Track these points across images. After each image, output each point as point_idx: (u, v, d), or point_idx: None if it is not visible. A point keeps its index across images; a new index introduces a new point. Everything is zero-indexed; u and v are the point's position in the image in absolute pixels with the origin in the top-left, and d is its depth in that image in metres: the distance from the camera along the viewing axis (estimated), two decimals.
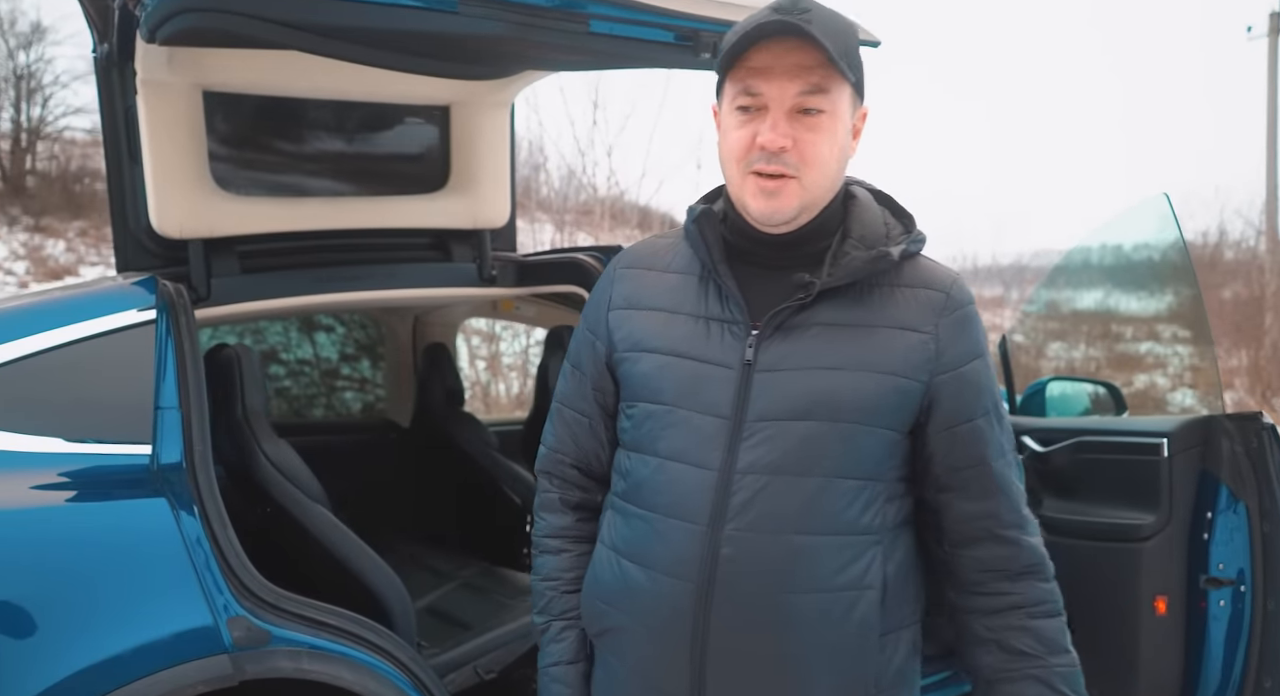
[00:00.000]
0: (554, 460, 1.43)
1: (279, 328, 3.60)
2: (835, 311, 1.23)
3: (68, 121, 16.17)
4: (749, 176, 1.21)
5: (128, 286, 1.93)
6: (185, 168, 2.18)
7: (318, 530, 2.10)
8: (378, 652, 1.79)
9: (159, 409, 1.74)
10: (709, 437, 1.22)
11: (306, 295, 2.38)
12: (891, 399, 1.21)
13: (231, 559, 1.69)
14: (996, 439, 1.26)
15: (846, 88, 1.20)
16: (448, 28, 1.67)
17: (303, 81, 2.34)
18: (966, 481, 1.25)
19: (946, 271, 1.29)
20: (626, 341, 1.31)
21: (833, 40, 1.14)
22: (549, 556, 1.42)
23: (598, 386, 1.37)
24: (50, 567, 1.57)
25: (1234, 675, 1.95)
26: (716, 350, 1.24)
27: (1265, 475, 1.92)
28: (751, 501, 1.20)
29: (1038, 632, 1.24)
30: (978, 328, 1.27)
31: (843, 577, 1.20)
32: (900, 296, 1.25)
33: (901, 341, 1.22)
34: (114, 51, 2.13)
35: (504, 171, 2.66)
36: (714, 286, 1.27)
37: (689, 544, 1.22)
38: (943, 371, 1.23)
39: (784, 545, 1.20)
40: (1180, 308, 2.64)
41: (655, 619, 1.25)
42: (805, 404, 1.20)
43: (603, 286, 1.39)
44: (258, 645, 1.66)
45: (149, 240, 2.25)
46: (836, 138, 1.21)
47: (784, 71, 1.17)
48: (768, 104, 1.18)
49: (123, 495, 1.68)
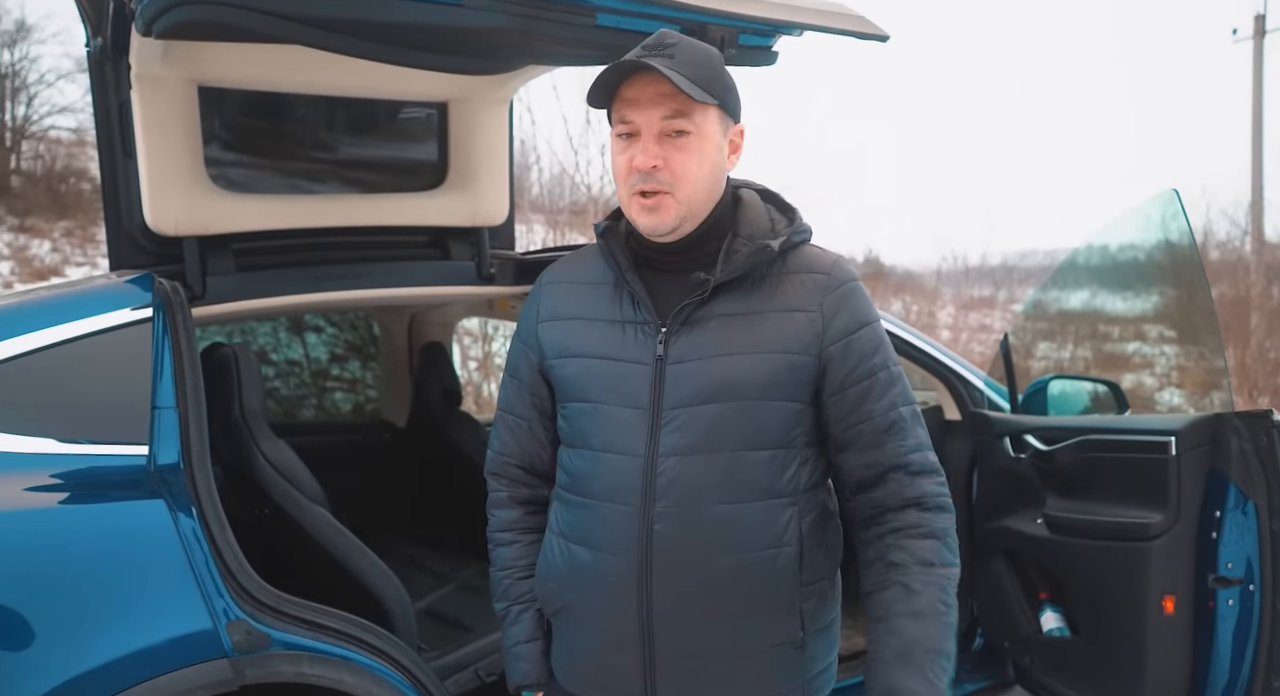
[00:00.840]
0: (500, 462, 1.58)
1: (268, 328, 3.56)
2: (731, 303, 1.38)
3: (53, 121, 16.07)
4: (634, 196, 1.36)
5: (122, 284, 1.90)
6: (180, 164, 2.14)
7: (317, 532, 2.07)
8: (379, 656, 1.77)
9: (156, 409, 1.72)
10: (632, 427, 1.37)
11: (303, 294, 2.35)
12: (785, 374, 1.36)
13: (230, 561, 1.67)
14: (886, 394, 1.39)
15: (710, 110, 1.35)
16: (451, 20, 1.64)
17: (299, 77, 2.30)
18: (858, 435, 1.39)
19: (829, 255, 1.45)
20: (554, 349, 1.46)
21: (691, 71, 1.30)
22: (503, 549, 1.57)
23: (534, 392, 1.52)
24: (45, 571, 1.54)
25: (1243, 675, 1.94)
26: (632, 349, 1.39)
27: (1275, 473, 1.91)
28: (675, 480, 1.34)
29: (909, 548, 1.37)
30: (860, 300, 1.41)
31: (763, 538, 1.36)
32: (788, 283, 1.40)
33: (791, 322, 1.37)
34: (108, 46, 2.09)
35: (503, 169, 2.63)
36: (626, 293, 1.42)
37: (625, 523, 1.37)
38: (830, 343, 1.37)
39: (707, 515, 1.35)
40: (1186, 306, 2.64)
41: (604, 593, 1.40)
42: (710, 388, 1.35)
43: (531, 301, 1.54)
44: (258, 649, 1.64)
45: (143, 237, 2.21)
46: (706, 154, 1.36)
47: (649, 101, 1.33)
48: (639, 130, 1.34)
49: (119, 497, 1.65)
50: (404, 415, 3.44)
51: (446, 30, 1.71)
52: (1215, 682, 1.98)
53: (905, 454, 1.39)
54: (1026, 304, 3.98)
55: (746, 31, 1.80)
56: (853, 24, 1.79)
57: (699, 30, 1.76)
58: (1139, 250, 2.33)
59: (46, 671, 1.48)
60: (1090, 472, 2.23)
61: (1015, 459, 2.48)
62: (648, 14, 1.70)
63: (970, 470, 2.77)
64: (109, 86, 2.19)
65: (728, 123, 1.40)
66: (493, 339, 7.80)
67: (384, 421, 3.57)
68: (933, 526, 1.38)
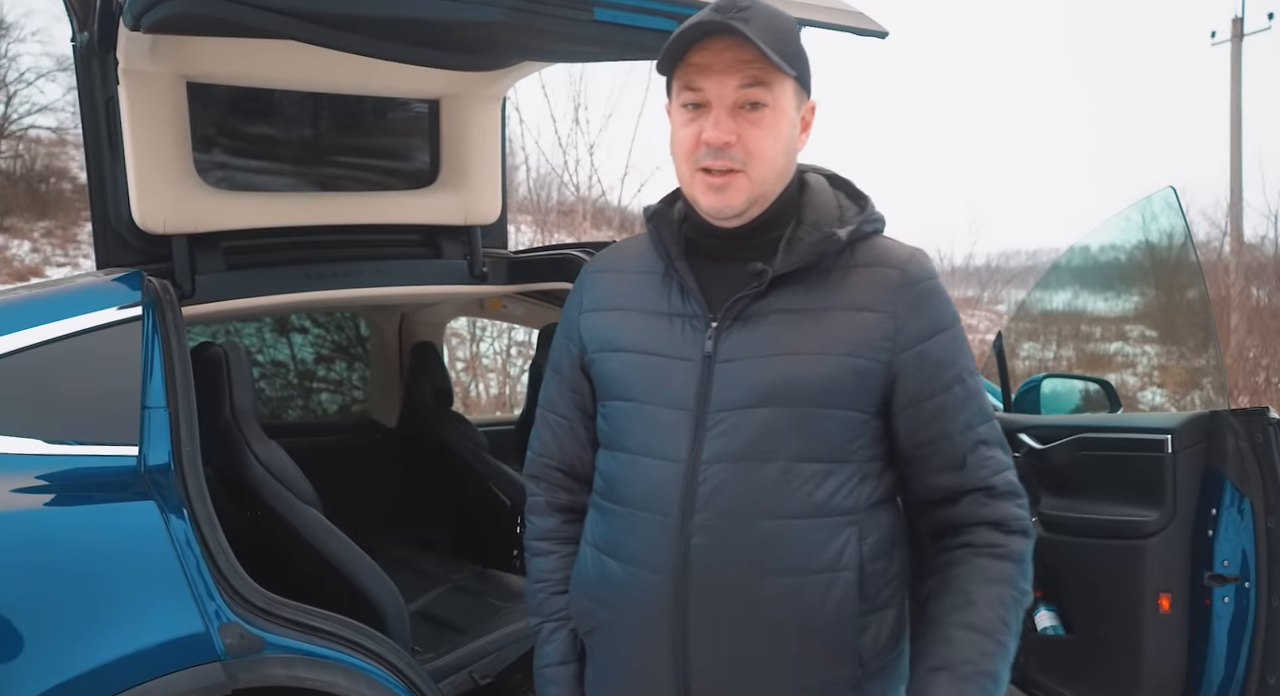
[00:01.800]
0: (539, 464, 1.46)
1: (253, 328, 3.52)
2: (791, 297, 1.25)
3: (33, 120, 15.89)
4: (697, 173, 1.24)
5: (111, 282, 1.87)
6: (169, 161, 2.11)
7: (310, 533, 2.05)
8: (373, 658, 1.75)
9: (146, 408, 1.69)
10: (674, 430, 1.24)
11: (294, 292, 2.32)
12: (850, 380, 1.22)
13: (222, 563, 1.64)
14: (963, 411, 1.25)
15: (788, 82, 1.22)
16: (446, 14, 1.63)
17: (290, 73, 2.28)
18: (931, 454, 1.25)
19: (905, 248, 1.29)
20: (596, 342, 1.35)
21: (770, 36, 1.17)
22: (538, 558, 1.45)
23: (575, 388, 1.40)
24: (34, 574, 1.51)
25: (1238, 672, 1.95)
26: (678, 344, 1.27)
27: (1271, 471, 1.92)
28: (718, 490, 1.21)
29: (981, 567, 1.23)
30: (939, 301, 1.26)
31: (816, 561, 1.21)
32: (856, 277, 1.25)
33: (857, 322, 1.23)
34: (94, 40, 2.06)
35: (495, 166, 2.62)
36: (675, 283, 1.30)
37: (661, 535, 1.24)
38: (903, 349, 1.23)
39: (753, 531, 1.21)
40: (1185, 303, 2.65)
41: (635, 612, 1.27)
42: (763, 391, 1.21)
43: (575, 292, 1.43)
44: (251, 652, 1.61)
45: (130, 235, 2.18)
46: (780, 131, 1.23)
47: (723, 67, 1.19)
48: (710, 100, 1.21)
49: (109, 498, 1.62)
50: (394, 415, 3.41)
51: (441, 25, 1.69)
52: (1211, 679, 1.99)
53: (986, 478, 1.25)
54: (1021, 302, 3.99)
55: None
56: (851, 19, 1.78)
57: None
58: (1137, 249, 2.33)
59: (36, 676, 1.45)
60: (1085, 471, 2.23)
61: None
62: (646, 8, 1.69)
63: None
64: (95, 82, 2.16)
65: (802, 97, 1.26)
66: (480, 339, 7.77)
67: (374, 422, 3.54)
68: (1011, 549, 1.24)
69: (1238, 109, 16.91)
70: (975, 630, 1.19)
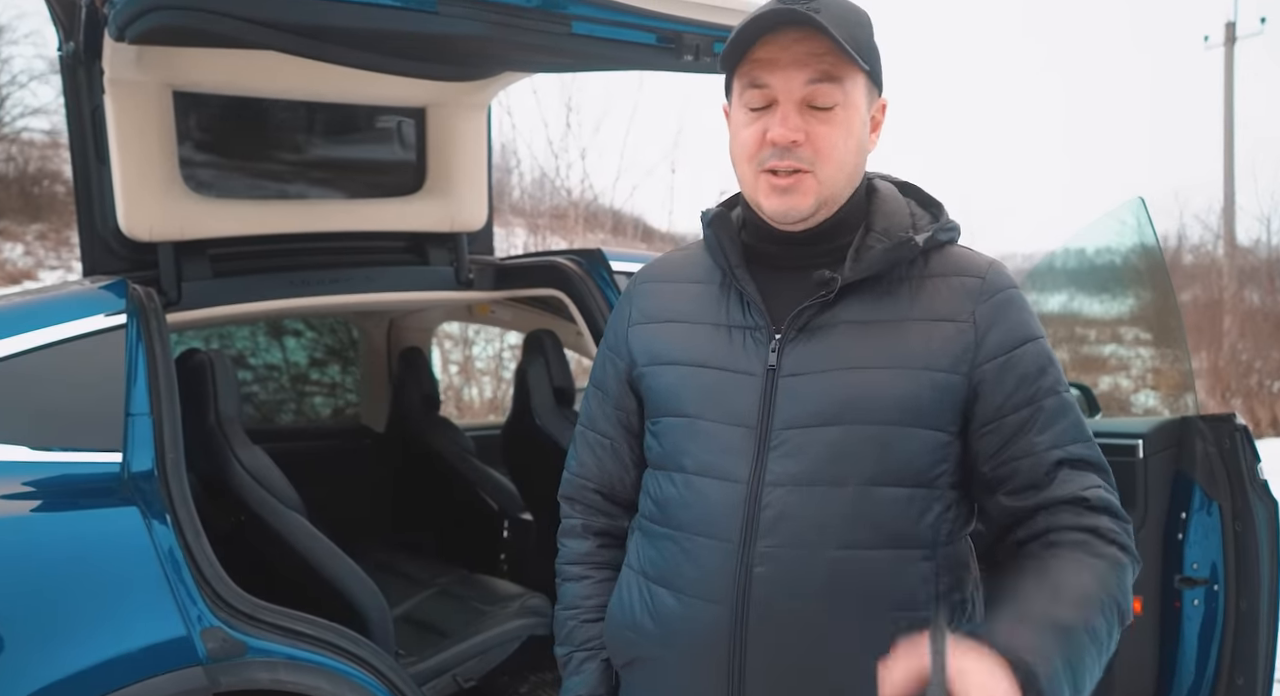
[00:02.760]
0: (577, 485, 1.37)
1: (245, 332, 3.55)
2: (862, 308, 1.16)
3: (25, 122, 15.86)
4: (761, 174, 1.15)
5: (96, 290, 1.89)
6: (155, 169, 2.14)
7: (294, 538, 2.07)
8: (355, 662, 1.77)
9: (130, 415, 1.71)
10: (734, 449, 1.15)
11: (280, 299, 2.35)
12: (929, 395, 1.12)
13: (205, 568, 1.66)
14: (1051, 425, 1.12)
15: (860, 77, 1.14)
16: (426, 28, 1.65)
17: (276, 82, 2.30)
18: (1013, 473, 1.13)
19: (983, 257, 1.21)
20: (646, 355, 1.26)
21: (842, 28, 1.08)
22: (571, 584, 1.36)
23: (620, 405, 1.31)
24: (16, 579, 1.53)
25: (1208, 672, 1.97)
26: (739, 357, 1.18)
27: (1238, 475, 1.94)
28: (784, 515, 1.12)
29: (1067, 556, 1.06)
30: (1023, 311, 1.17)
31: (891, 596, 1.11)
32: (932, 286, 1.16)
33: (937, 333, 1.14)
34: (80, 50, 2.08)
35: (481, 174, 2.65)
36: (735, 293, 1.22)
37: (719, 563, 1.14)
38: (985, 360, 1.13)
39: (822, 561, 1.11)
40: (1153, 310, 2.68)
41: (688, 645, 1.17)
42: (834, 407, 1.12)
43: (623, 303, 1.34)
44: (233, 656, 1.63)
45: (117, 243, 2.21)
46: (852, 130, 1.14)
47: (791, 61, 1.11)
48: (777, 97, 1.12)
49: (92, 504, 1.64)
50: (383, 420, 3.43)
51: (422, 37, 1.72)
52: (1181, 680, 2.02)
53: (1079, 490, 1.10)
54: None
55: (720, 40, 1.81)
56: None
57: (674, 39, 1.78)
58: (1112, 254, 2.36)
59: (19, 679, 1.47)
60: None
61: None
62: (623, 22, 1.71)
63: None
64: (82, 91, 2.18)
65: (874, 95, 1.18)
66: (473, 343, 7.79)
67: (363, 426, 3.56)
68: (1104, 552, 1.08)
69: (1230, 113, 16.99)
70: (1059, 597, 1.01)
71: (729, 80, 1.19)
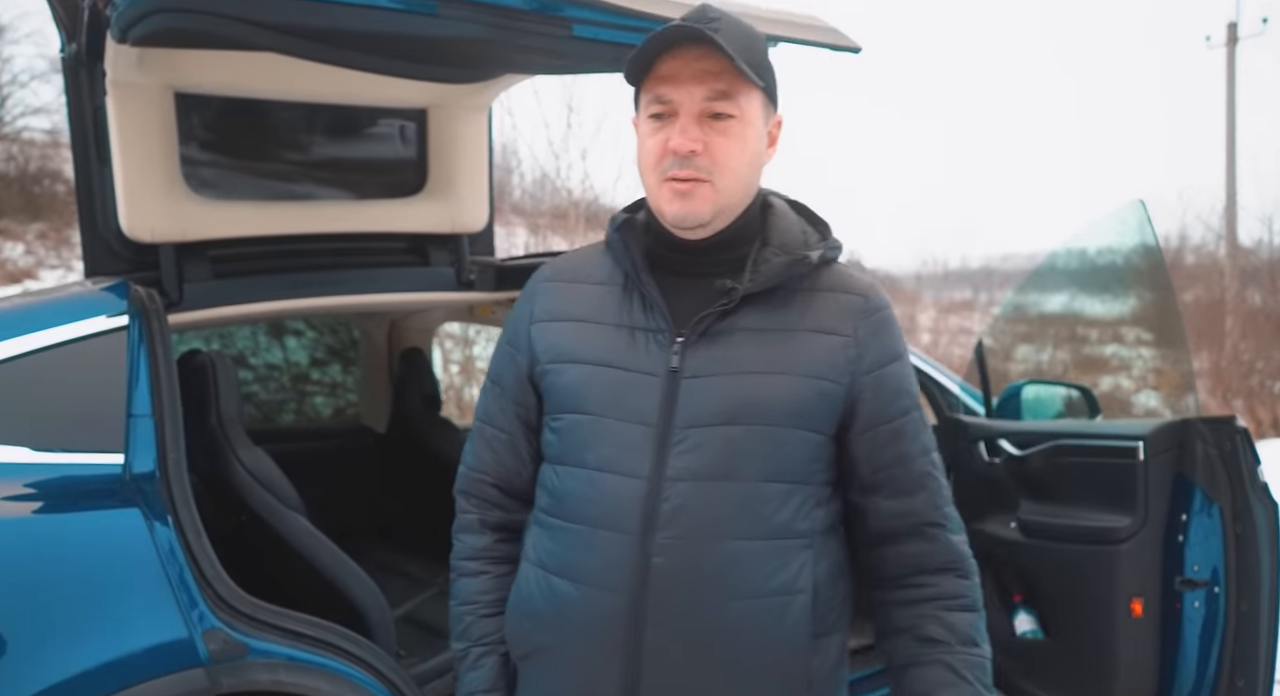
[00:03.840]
0: (473, 479, 1.42)
1: (247, 332, 3.55)
2: (758, 316, 1.25)
3: (26, 122, 15.85)
4: (664, 183, 1.23)
5: (98, 291, 1.89)
6: (156, 170, 2.14)
7: (295, 539, 2.07)
8: (356, 663, 1.77)
9: (131, 416, 1.71)
10: (637, 446, 1.22)
11: (281, 300, 2.35)
12: (815, 401, 1.23)
13: (207, 570, 1.66)
14: (918, 438, 1.29)
15: (756, 94, 1.23)
16: (427, 30, 1.65)
17: (277, 83, 2.30)
18: (889, 480, 1.27)
19: (864, 276, 1.33)
20: (549, 353, 1.31)
21: (739, 48, 1.17)
22: (467, 579, 1.40)
23: (519, 401, 1.36)
24: (18, 581, 1.53)
25: (1208, 675, 1.98)
26: (642, 358, 1.25)
27: (1238, 477, 1.95)
28: (682, 508, 1.20)
29: (951, 624, 1.26)
30: (895, 330, 1.30)
31: (774, 583, 1.21)
32: (820, 301, 1.27)
33: (823, 344, 1.25)
34: (82, 51, 2.08)
35: (482, 175, 2.65)
36: (637, 295, 1.29)
37: (620, 554, 1.21)
38: (864, 373, 1.25)
39: (716, 551, 1.20)
40: (1154, 312, 2.69)
41: (586, 633, 1.24)
42: (732, 408, 1.21)
43: (524, 300, 1.39)
44: (234, 658, 1.63)
45: (118, 244, 2.21)
46: (748, 142, 1.23)
47: (691, 77, 1.20)
48: (678, 110, 1.21)
49: (94, 506, 1.64)
50: (384, 420, 3.43)
51: (423, 40, 1.72)
52: (1182, 683, 2.02)
53: (941, 507, 1.28)
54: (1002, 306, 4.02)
55: None
56: (825, 36, 1.81)
57: None
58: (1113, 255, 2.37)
59: (21, 681, 1.47)
60: (1062, 477, 2.26)
61: (989, 464, 2.51)
62: (624, 25, 1.71)
63: (948, 476, 2.80)
64: (83, 92, 2.18)
65: (769, 110, 1.27)
66: (474, 343, 7.78)
67: (364, 426, 3.56)
68: (972, 597, 1.28)
69: (1232, 113, 16.97)
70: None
71: (636, 94, 1.27)
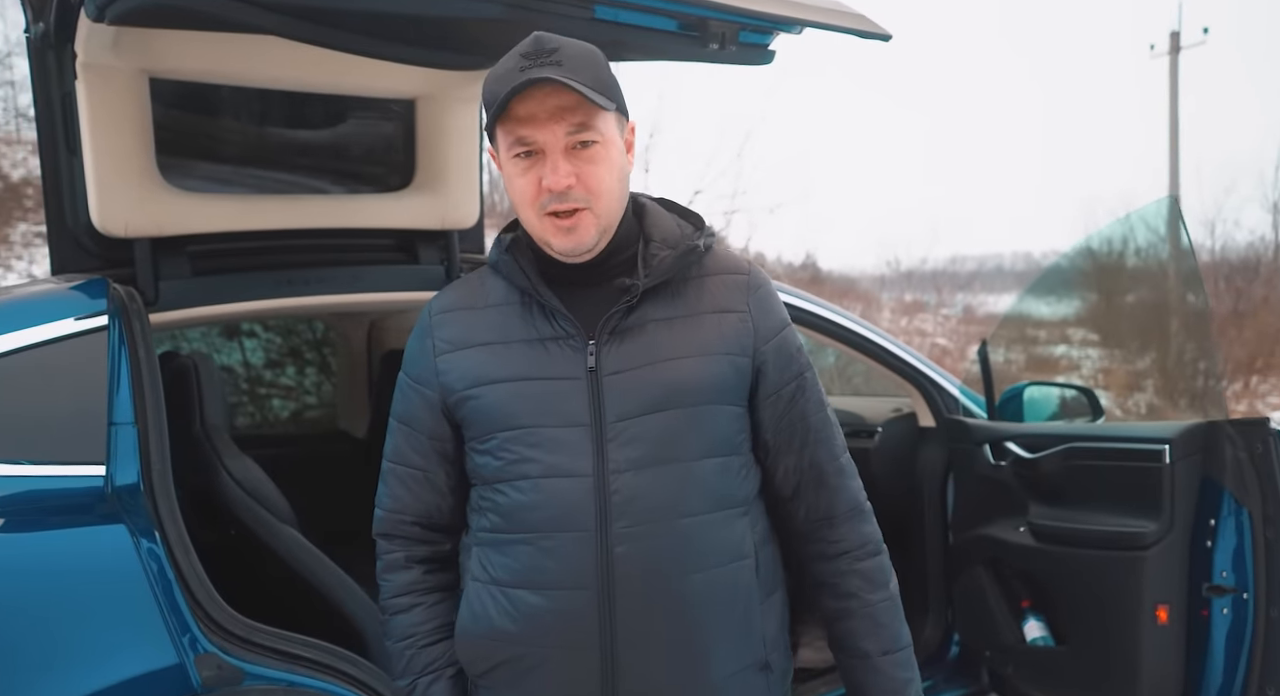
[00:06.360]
0: (393, 521, 1.42)
1: (198, 332, 3.37)
2: (660, 308, 1.33)
3: None
4: (545, 218, 1.28)
5: (74, 289, 1.75)
6: (130, 160, 2.00)
7: (288, 554, 1.95)
8: (358, 686, 1.67)
9: (113, 424, 1.59)
10: (575, 446, 1.27)
11: (263, 299, 2.22)
12: (730, 376, 1.32)
13: (197, 589, 1.55)
14: (813, 395, 1.40)
15: (610, 115, 1.28)
16: (443, 10, 1.55)
17: (259, 70, 2.17)
18: (790, 437, 1.38)
19: (742, 257, 1.44)
20: (463, 380, 1.33)
21: (585, 76, 1.22)
22: (400, 616, 1.42)
23: (434, 435, 1.38)
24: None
25: (1236, 683, 1.95)
26: (559, 365, 1.30)
27: (1270, 481, 1.92)
28: (633, 497, 1.26)
29: (863, 573, 1.39)
30: (778, 300, 1.41)
31: (724, 553, 1.31)
32: (710, 284, 1.36)
33: (725, 323, 1.34)
34: (50, 32, 1.94)
35: (473, 169, 2.54)
36: (537, 309, 1.33)
37: (581, 552, 1.26)
38: (762, 343, 1.35)
39: (670, 531, 1.27)
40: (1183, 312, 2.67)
41: (559, 635, 1.28)
42: (659, 395, 1.28)
43: (420, 335, 1.40)
44: (229, 684, 1.52)
45: (89, 239, 2.07)
46: (614, 161, 1.29)
47: (549, 116, 1.23)
48: (543, 148, 1.25)
49: (74, 522, 1.53)
50: (364, 425, 3.30)
51: (435, 22, 1.62)
52: (1209, 691, 1.99)
53: (838, 456, 1.41)
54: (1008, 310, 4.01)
55: (748, 28, 1.74)
56: (854, 22, 1.74)
57: (699, 26, 1.69)
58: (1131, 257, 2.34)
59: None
60: (1078, 480, 2.22)
61: (996, 466, 2.47)
62: (648, 7, 1.63)
63: (944, 477, 2.76)
64: (51, 76, 2.04)
65: (624, 123, 1.33)
66: None
67: (341, 432, 3.42)
68: (874, 539, 1.41)
69: (1175, 119, 17.47)
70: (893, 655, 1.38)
71: (491, 129, 1.30)
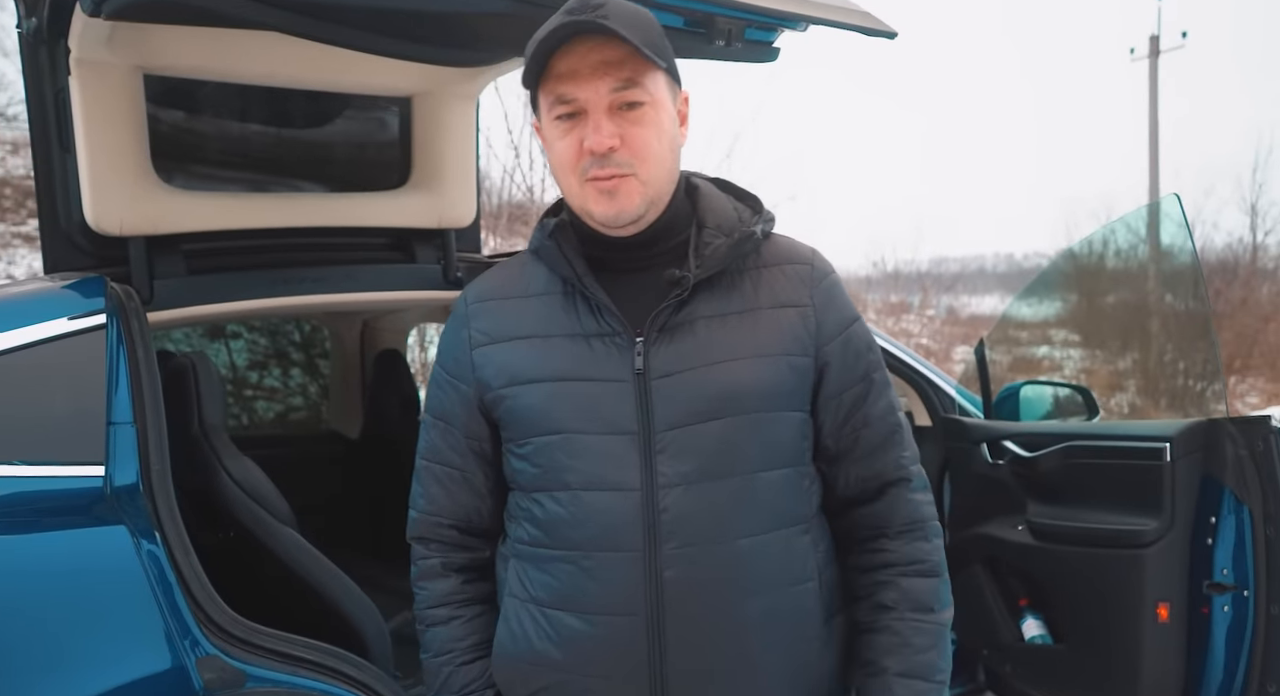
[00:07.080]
0: (429, 524, 1.33)
1: (180, 333, 3.33)
2: (713, 303, 1.21)
3: None
4: (586, 183, 1.17)
5: (71, 288, 1.73)
6: (125, 158, 1.97)
7: (288, 555, 1.93)
8: (359, 688, 1.64)
9: (111, 424, 1.56)
10: (620, 457, 1.16)
11: (258, 298, 2.20)
12: (790, 378, 1.20)
13: (198, 591, 1.53)
14: (881, 399, 1.27)
15: (660, 75, 1.18)
16: (448, 6, 1.54)
17: (255, 67, 2.15)
18: (854, 443, 1.25)
19: (804, 245, 1.30)
20: (501, 377, 1.23)
21: (633, 30, 1.12)
22: (439, 628, 1.32)
23: (471, 434, 1.29)
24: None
25: (1237, 681, 1.95)
26: (604, 365, 1.18)
27: (1271, 479, 1.92)
28: (684, 515, 1.15)
29: (905, 589, 1.24)
30: (845, 292, 1.29)
31: (787, 573, 1.19)
32: (769, 276, 1.24)
33: (784, 319, 1.21)
34: (44, 27, 1.91)
35: (469, 167, 2.52)
36: (582, 301, 1.22)
37: (627, 574, 1.15)
38: (827, 341, 1.23)
39: (727, 552, 1.16)
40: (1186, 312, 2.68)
41: (604, 664, 1.17)
42: (711, 402, 1.17)
43: (456, 326, 1.30)
44: (232, 687, 1.49)
45: (82, 237, 2.04)
46: (663, 127, 1.18)
47: (592, 71, 1.13)
48: (585, 107, 1.15)
49: (72, 523, 1.50)
50: (356, 427, 3.27)
51: (439, 17, 1.60)
52: (1209, 689, 1.99)
53: (906, 466, 1.27)
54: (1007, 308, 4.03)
55: (754, 24, 1.73)
56: (859, 19, 1.74)
57: (705, 22, 1.69)
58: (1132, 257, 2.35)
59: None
60: (1078, 479, 2.22)
61: (994, 465, 2.47)
62: (655, 3, 1.61)
63: (941, 476, 2.76)
64: (44, 72, 2.01)
65: (675, 89, 1.22)
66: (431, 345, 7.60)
67: (333, 433, 3.39)
68: (933, 561, 1.26)
69: (1154, 122, 17.63)
70: (911, 679, 1.21)
71: (534, 97, 1.20)
